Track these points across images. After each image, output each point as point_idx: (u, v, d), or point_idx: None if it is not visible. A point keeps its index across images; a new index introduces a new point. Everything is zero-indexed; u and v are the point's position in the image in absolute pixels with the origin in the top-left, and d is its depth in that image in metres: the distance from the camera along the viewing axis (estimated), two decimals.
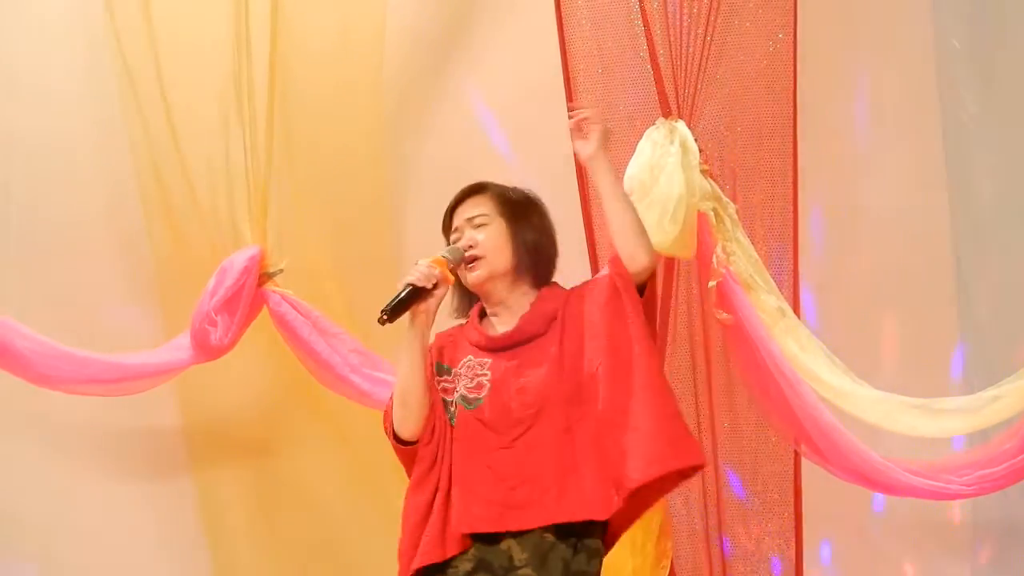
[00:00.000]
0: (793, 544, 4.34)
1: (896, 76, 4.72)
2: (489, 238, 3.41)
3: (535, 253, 3.45)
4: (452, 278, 3.36)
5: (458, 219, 3.46)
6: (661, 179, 4.20)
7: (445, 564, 3.29)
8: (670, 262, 4.32)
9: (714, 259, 4.24)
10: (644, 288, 3.36)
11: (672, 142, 4.25)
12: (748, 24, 4.33)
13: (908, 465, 4.30)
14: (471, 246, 3.40)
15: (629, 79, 4.37)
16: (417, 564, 3.29)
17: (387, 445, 4.09)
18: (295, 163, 4.57)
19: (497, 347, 3.39)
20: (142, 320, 4.71)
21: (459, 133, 4.75)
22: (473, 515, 3.28)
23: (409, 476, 3.40)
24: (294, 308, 4.47)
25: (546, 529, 3.26)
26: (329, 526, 4.60)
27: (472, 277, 3.39)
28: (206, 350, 4.44)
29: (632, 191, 4.21)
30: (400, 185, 4.71)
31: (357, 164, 4.62)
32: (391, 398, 3.43)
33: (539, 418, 3.30)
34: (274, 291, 4.48)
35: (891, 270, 4.67)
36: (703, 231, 4.25)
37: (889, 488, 4.32)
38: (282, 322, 4.47)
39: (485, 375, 3.37)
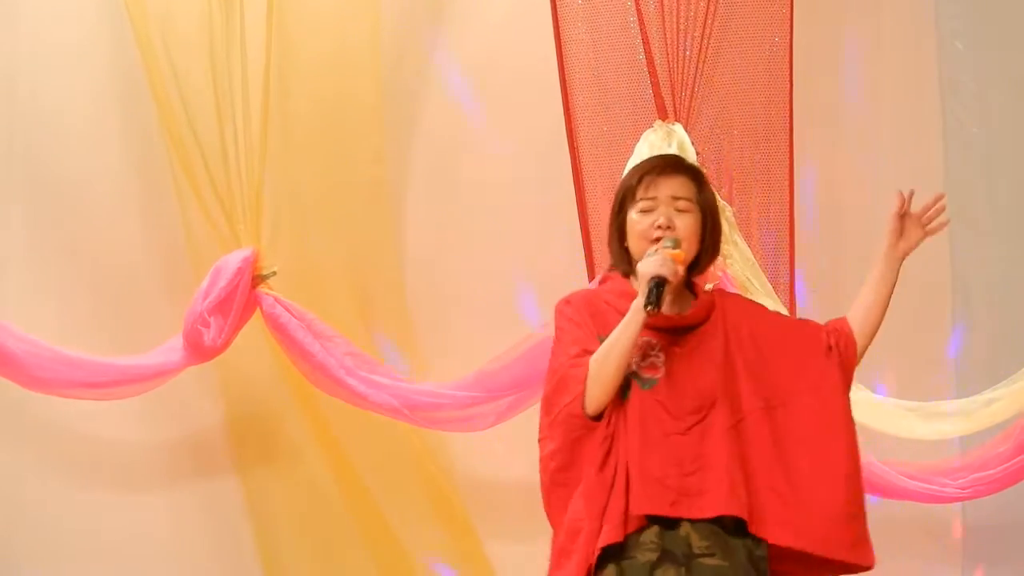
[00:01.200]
0: None
1: (894, 78, 4.72)
2: (689, 227, 3.38)
3: (710, 256, 3.47)
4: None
5: (660, 190, 3.39)
6: None
7: (624, 551, 3.27)
8: None
9: None
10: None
11: (669, 144, 4.26)
12: (744, 27, 4.34)
13: (903, 468, 4.33)
14: (669, 226, 3.36)
15: (626, 82, 4.36)
16: (602, 543, 3.25)
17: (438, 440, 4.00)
18: (290, 164, 4.54)
19: (666, 328, 3.36)
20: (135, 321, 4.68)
21: (456, 134, 4.73)
22: (650, 497, 3.25)
23: (572, 455, 3.34)
24: (288, 311, 4.44)
25: (718, 520, 3.25)
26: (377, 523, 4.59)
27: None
28: (199, 351, 4.41)
29: None
30: (397, 185, 4.70)
31: (354, 164, 4.60)
32: (569, 375, 3.35)
33: (712, 410, 3.30)
34: (268, 293, 4.46)
35: None
36: None
37: (884, 491, 4.34)
38: (276, 324, 4.45)
39: (658, 357, 3.35)
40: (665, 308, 3.37)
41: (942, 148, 4.62)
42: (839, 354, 3.44)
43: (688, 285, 3.48)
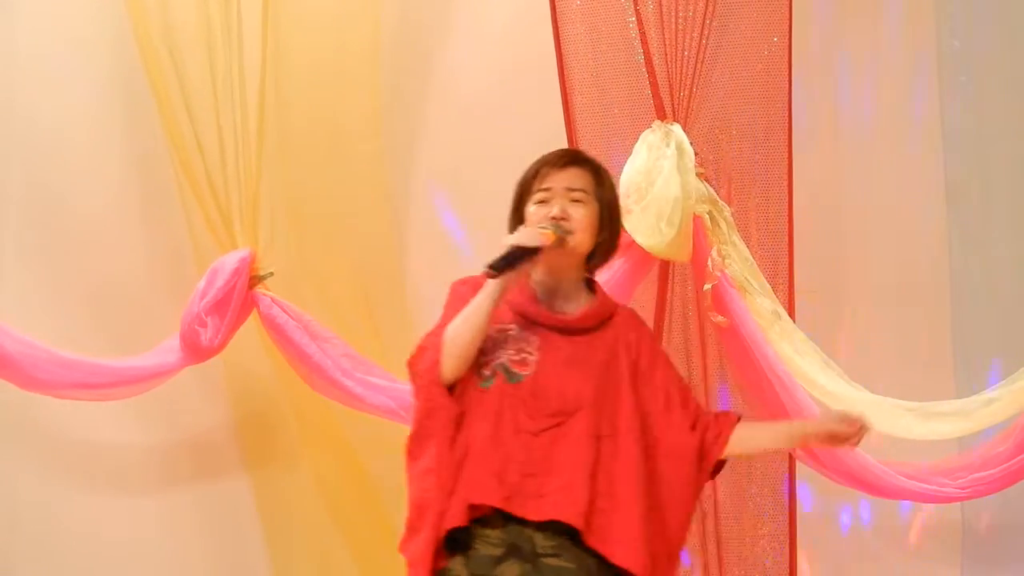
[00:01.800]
0: (787, 546, 4.34)
1: (894, 79, 4.72)
2: (584, 217, 3.36)
3: (608, 250, 3.44)
4: (553, 242, 3.30)
5: (555, 182, 3.38)
6: (658, 182, 4.20)
7: (469, 540, 3.25)
8: (665, 265, 4.32)
9: (709, 262, 4.24)
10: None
11: (668, 145, 4.26)
12: (743, 27, 4.33)
13: (902, 468, 4.32)
14: (564, 217, 3.35)
15: (624, 82, 4.36)
16: (448, 524, 3.23)
17: None
18: (288, 165, 4.53)
19: (551, 326, 3.34)
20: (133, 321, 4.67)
21: (454, 134, 4.73)
22: (483, 488, 3.23)
23: (427, 424, 3.32)
24: (284, 312, 4.44)
25: (567, 527, 3.23)
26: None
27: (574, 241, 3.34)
28: (196, 351, 4.40)
29: (628, 194, 4.22)
30: (396, 187, 4.70)
31: (352, 166, 4.59)
32: (429, 342, 3.33)
33: (575, 416, 3.27)
34: (265, 294, 4.46)
35: (886, 274, 4.68)
36: (698, 234, 4.25)
37: (883, 491, 4.33)
38: (272, 325, 4.44)
39: (531, 354, 3.32)
40: (557, 307, 3.37)
41: (941, 147, 4.61)
42: (701, 438, 3.38)
43: (589, 285, 3.45)
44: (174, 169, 4.52)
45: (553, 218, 3.34)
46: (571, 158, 3.46)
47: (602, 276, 4.20)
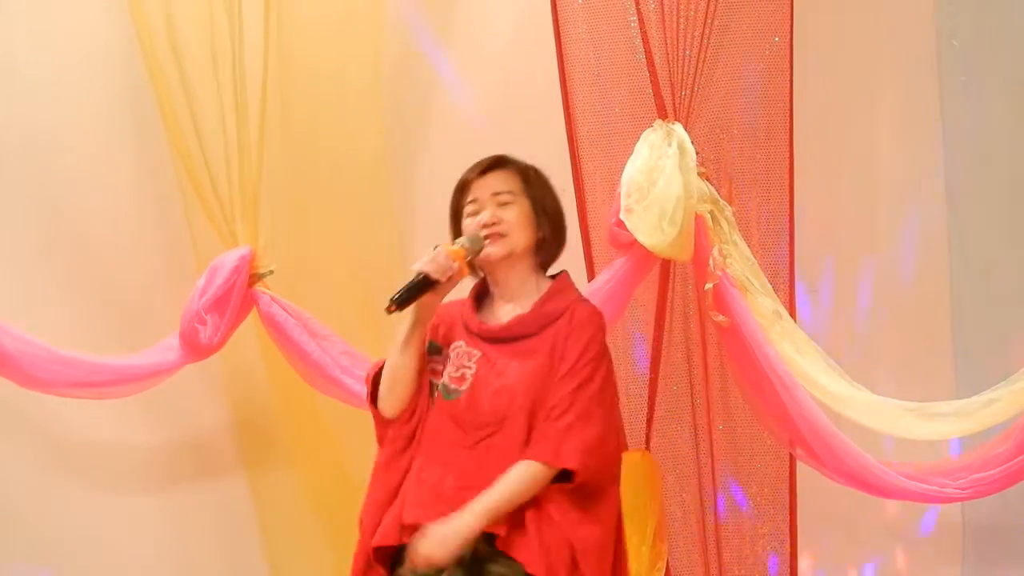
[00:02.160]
0: (788, 545, 4.34)
1: (895, 78, 4.72)
2: (513, 216, 3.35)
3: (553, 237, 3.41)
4: (467, 271, 3.31)
5: (480, 191, 3.39)
6: (659, 181, 4.20)
7: (402, 558, 3.25)
8: (666, 264, 4.32)
9: (711, 261, 4.24)
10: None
11: (670, 144, 4.25)
12: (744, 27, 4.33)
13: (902, 468, 4.31)
14: (495, 222, 3.34)
15: (626, 82, 4.35)
16: (376, 543, 3.26)
17: None
18: (289, 163, 4.53)
19: (489, 338, 3.34)
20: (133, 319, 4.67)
21: (456, 133, 4.72)
22: (423, 506, 3.24)
23: (379, 442, 3.37)
24: (284, 310, 4.44)
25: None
26: None
27: (491, 252, 3.33)
28: (195, 349, 4.41)
29: (630, 193, 4.22)
30: (396, 185, 4.69)
31: (353, 164, 4.58)
32: (376, 366, 3.37)
33: (504, 425, 3.26)
34: (264, 292, 4.46)
35: (887, 273, 4.68)
36: (700, 233, 4.24)
37: (883, 491, 4.33)
38: (272, 323, 4.45)
39: (470, 368, 3.33)
40: (500, 312, 3.35)
41: (941, 147, 4.61)
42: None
43: (552, 276, 3.43)
44: (175, 167, 4.53)
45: (484, 224, 3.34)
46: (491, 164, 3.45)
47: (604, 276, 4.25)
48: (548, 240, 3.40)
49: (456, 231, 3.42)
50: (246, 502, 4.65)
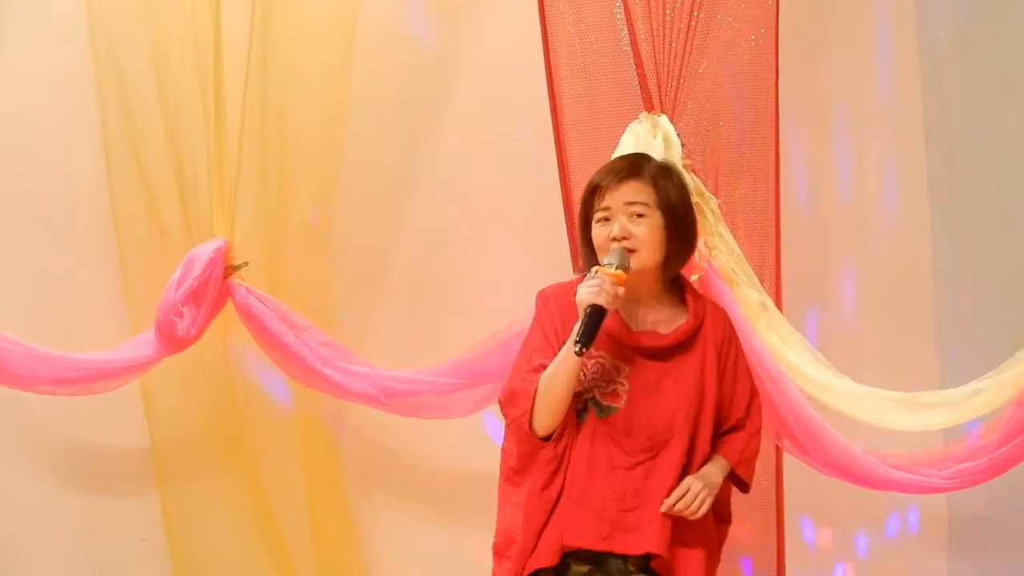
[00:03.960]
0: (775, 537, 4.33)
1: (878, 70, 4.72)
2: (646, 233, 3.35)
3: (683, 253, 3.43)
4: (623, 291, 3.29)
5: (613, 199, 3.37)
6: None
7: (557, 567, 3.29)
8: None
9: (696, 254, 4.22)
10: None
11: (655, 136, 4.24)
12: (730, 18, 4.32)
13: (888, 459, 4.32)
14: (625, 236, 3.33)
15: (612, 74, 4.34)
16: (535, 566, 3.26)
17: (351, 456, 4.06)
18: (268, 156, 4.51)
19: (641, 350, 3.32)
20: (107, 313, 4.65)
21: (440, 126, 4.71)
22: (583, 530, 3.25)
23: (524, 463, 3.34)
24: (261, 301, 4.43)
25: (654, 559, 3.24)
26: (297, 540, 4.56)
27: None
28: (172, 342, 4.38)
29: None
30: (379, 179, 4.67)
31: (333, 158, 4.57)
32: (520, 388, 3.33)
33: (666, 446, 3.29)
34: (240, 284, 4.44)
35: (872, 264, 4.69)
36: None
37: (870, 482, 4.32)
38: (249, 315, 4.43)
39: (623, 384, 3.32)
40: (642, 322, 3.36)
41: (924, 136, 4.62)
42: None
43: (679, 285, 3.43)
44: (141, 158, 4.52)
45: (614, 238, 3.32)
46: (628, 172, 3.43)
47: None
48: (675, 256, 3.43)
49: (586, 236, 3.43)
50: (156, 515, 4.62)
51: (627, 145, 4.27)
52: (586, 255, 3.46)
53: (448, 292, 4.68)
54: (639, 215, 3.38)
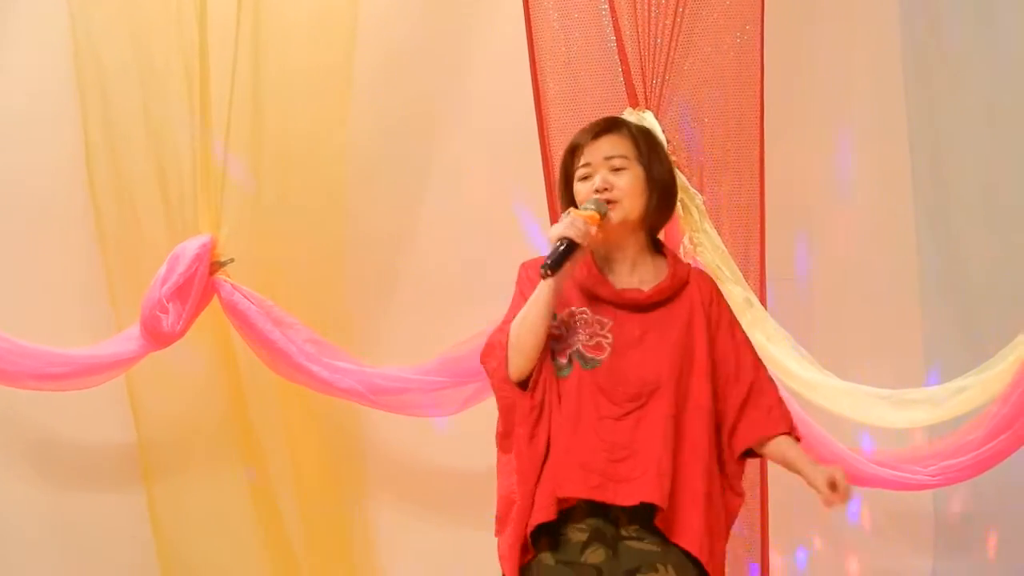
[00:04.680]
0: (759, 533, 4.33)
1: (863, 68, 4.73)
2: (627, 183, 3.34)
3: (663, 201, 3.40)
4: (599, 235, 3.30)
5: (592, 155, 3.36)
6: None
7: (558, 526, 3.24)
8: None
9: (681, 249, 4.24)
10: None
11: None
12: (716, 15, 4.32)
13: (873, 456, 4.32)
14: (606, 187, 3.33)
15: (597, 70, 4.34)
16: (535, 520, 3.23)
17: (345, 449, 4.06)
18: (253, 153, 4.51)
19: (623, 305, 3.32)
20: (90, 309, 4.63)
21: (425, 122, 4.71)
22: (573, 481, 3.22)
23: (508, 421, 3.33)
24: (246, 298, 4.43)
25: (651, 509, 3.22)
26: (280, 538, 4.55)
27: (609, 218, 3.32)
28: (157, 337, 4.37)
29: None
30: (366, 174, 4.67)
31: (320, 153, 4.55)
32: (496, 339, 3.33)
33: (653, 397, 3.26)
34: (225, 280, 4.44)
35: (856, 261, 4.69)
36: (670, 222, 4.23)
37: (854, 479, 4.29)
38: (235, 311, 4.43)
39: (606, 337, 3.30)
40: (626, 279, 3.35)
41: (907, 134, 4.63)
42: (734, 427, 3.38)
43: (657, 247, 3.43)
44: (122, 155, 4.50)
45: (596, 190, 3.33)
46: (604, 126, 3.43)
47: None
48: (656, 209, 3.39)
49: (567, 194, 3.41)
50: (143, 512, 4.60)
51: None
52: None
53: (427, 288, 4.68)
54: (619, 168, 3.37)
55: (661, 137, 3.91)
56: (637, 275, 3.38)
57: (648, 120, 4.25)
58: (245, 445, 4.52)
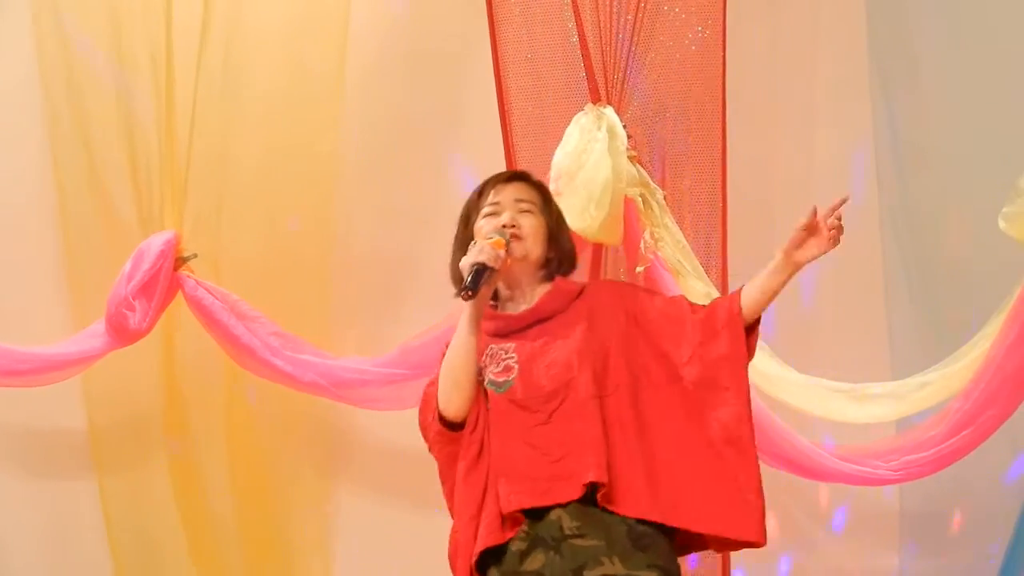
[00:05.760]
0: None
1: (827, 60, 4.72)
2: (532, 225, 3.45)
3: (562, 260, 3.50)
4: (508, 263, 3.40)
5: (502, 196, 3.47)
6: (587, 164, 4.18)
7: (502, 548, 3.27)
8: (598, 248, 4.30)
9: (642, 245, 4.23)
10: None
11: (599, 128, 4.23)
12: (677, 10, 4.31)
13: (835, 451, 4.31)
14: (514, 224, 3.42)
15: (558, 64, 4.34)
16: (479, 548, 3.27)
17: (298, 434, 4.07)
18: (218, 149, 4.50)
19: (518, 327, 3.41)
20: (50, 307, 4.64)
21: (387, 119, 4.71)
22: (521, 493, 3.26)
23: (446, 468, 3.40)
24: (210, 293, 4.44)
25: (591, 500, 3.23)
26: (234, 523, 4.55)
27: (513, 250, 3.41)
28: (123, 335, 4.39)
29: (559, 177, 4.20)
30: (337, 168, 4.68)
31: (290, 150, 4.55)
32: (429, 392, 3.42)
33: (571, 388, 3.31)
34: (189, 276, 4.44)
35: (821, 258, 4.65)
36: (631, 217, 4.23)
37: (817, 474, 4.32)
38: (199, 307, 4.44)
39: (511, 357, 3.38)
40: (512, 308, 3.43)
41: (871, 129, 4.62)
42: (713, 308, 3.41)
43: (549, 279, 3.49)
44: (90, 149, 4.51)
45: (504, 226, 3.42)
46: (517, 175, 3.58)
47: None
48: (555, 262, 3.49)
49: (464, 232, 3.50)
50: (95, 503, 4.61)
51: (572, 137, 4.26)
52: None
53: (391, 284, 4.68)
54: (526, 211, 3.48)
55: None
56: (526, 305, 3.46)
57: (608, 115, 4.24)
58: (177, 429, 4.55)
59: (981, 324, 4.19)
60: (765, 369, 4.20)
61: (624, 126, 4.26)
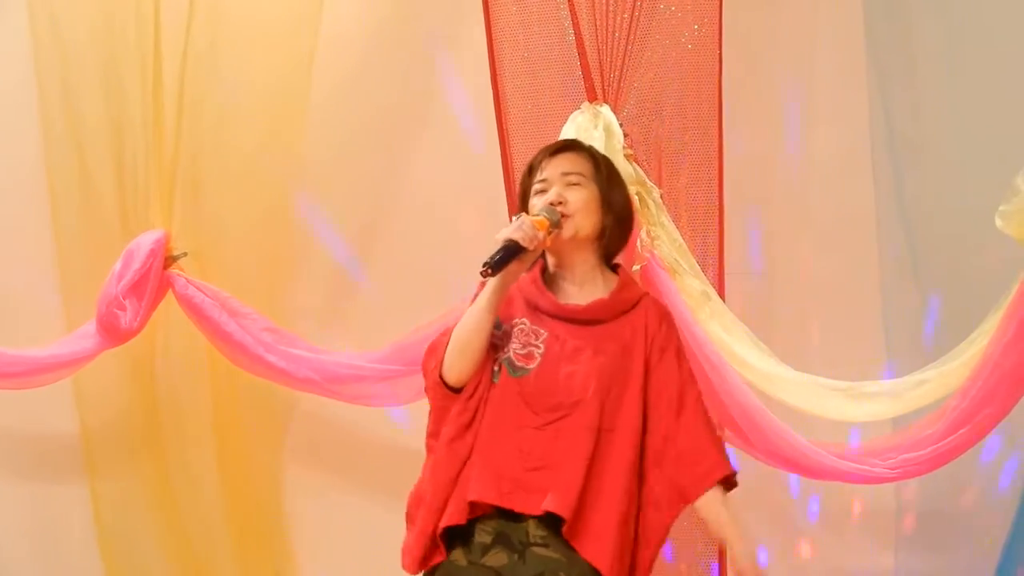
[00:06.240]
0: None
1: (824, 58, 4.73)
2: (581, 199, 3.37)
3: (618, 227, 3.43)
4: (549, 243, 3.32)
5: (550, 171, 3.40)
6: None
7: (467, 531, 3.26)
8: None
9: (638, 243, 4.22)
10: None
11: (596, 127, 4.23)
12: (673, 8, 4.31)
13: (833, 448, 4.30)
14: (560, 202, 3.34)
15: (555, 63, 4.34)
16: (444, 523, 3.25)
17: (289, 435, 4.05)
18: (208, 146, 4.49)
19: (561, 317, 3.33)
20: (42, 309, 4.63)
21: (382, 117, 4.70)
22: (484, 485, 3.24)
23: (437, 423, 3.35)
24: (200, 291, 4.43)
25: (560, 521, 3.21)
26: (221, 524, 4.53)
27: (560, 231, 3.35)
28: (115, 335, 4.38)
29: None
30: (319, 166, 4.65)
31: (272, 149, 4.55)
32: (439, 341, 3.35)
33: (576, 408, 3.27)
34: (179, 275, 4.43)
35: (816, 254, 4.68)
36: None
37: (814, 472, 4.31)
38: (190, 305, 4.43)
39: (538, 347, 3.32)
40: (572, 295, 3.37)
41: (868, 126, 4.63)
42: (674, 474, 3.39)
43: (612, 268, 3.44)
44: (82, 150, 4.50)
45: (550, 204, 3.34)
46: (564, 144, 3.50)
47: None
48: (611, 230, 3.42)
49: (524, 210, 3.44)
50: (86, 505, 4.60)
51: (569, 135, 4.25)
52: None
53: (380, 278, 4.66)
54: (574, 184, 3.40)
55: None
56: (584, 293, 3.40)
57: (604, 114, 4.24)
58: (182, 437, 4.53)
59: (978, 322, 4.19)
60: (762, 367, 4.19)
61: (621, 124, 4.25)
